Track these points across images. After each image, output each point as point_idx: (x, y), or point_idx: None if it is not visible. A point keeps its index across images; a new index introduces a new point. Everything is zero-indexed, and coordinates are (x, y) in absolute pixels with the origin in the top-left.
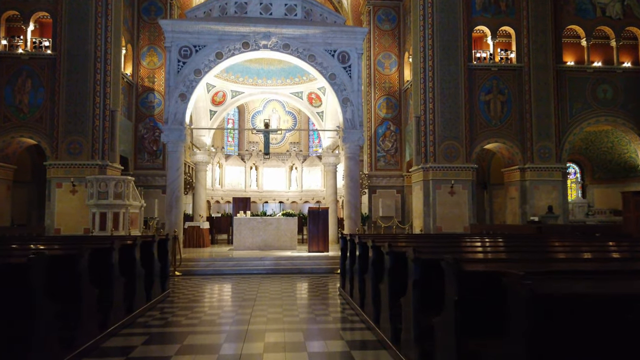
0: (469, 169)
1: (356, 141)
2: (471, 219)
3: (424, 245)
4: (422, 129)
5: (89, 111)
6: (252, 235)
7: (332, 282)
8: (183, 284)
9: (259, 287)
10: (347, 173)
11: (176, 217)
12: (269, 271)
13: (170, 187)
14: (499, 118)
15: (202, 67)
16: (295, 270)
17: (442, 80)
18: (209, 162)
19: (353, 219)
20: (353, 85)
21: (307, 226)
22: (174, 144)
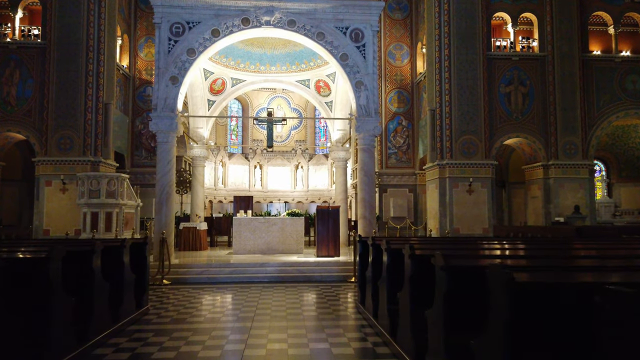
0: (488, 165)
1: (371, 130)
2: (491, 220)
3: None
4: (438, 123)
5: (81, 104)
6: (254, 238)
7: (345, 293)
8: (170, 296)
9: (259, 300)
10: (361, 167)
11: (167, 216)
12: (272, 279)
13: (160, 183)
14: (520, 111)
15: (196, 46)
16: (301, 279)
17: (459, 71)
18: (207, 157)
19: (368, 219)
20: (367, 67)
21: (315, 227)
22: (164, 134)
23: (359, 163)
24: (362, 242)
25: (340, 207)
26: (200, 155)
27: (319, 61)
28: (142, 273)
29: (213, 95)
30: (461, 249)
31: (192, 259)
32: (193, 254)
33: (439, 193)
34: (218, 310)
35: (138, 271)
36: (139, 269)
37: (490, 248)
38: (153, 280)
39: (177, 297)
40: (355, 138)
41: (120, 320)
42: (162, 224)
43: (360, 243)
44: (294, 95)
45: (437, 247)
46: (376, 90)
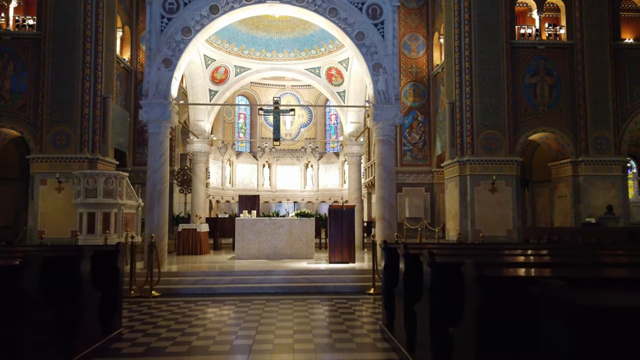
0: (512, 162)
1: (391, 119)
2: (516, 221)
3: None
4: (457, 117)
5: (77, 98)
6: (259, 241)
7: (365, 310)
8: (155, 312)
9: (261, 318)
10: (379, 161)
11: (159, 217)
12: (278, 290)
13: (151, 179)
14: (546, 104)
15: (192, 24)
16: (312, 290)
17: (480, 61)
18: (208, 153)
19: (387, 221)
20: (386, 47)
21: (327, 229)
22: (156, 124)
23: (376, 157)
24: (388, 250)
25: (355, 207)
26: (201, 150)
27: (330, 46)
28: (113, 289)
29: (215, 85)
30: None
31: (187, 266)
32: (192, 259)
33: (459, 192)
34: (209, 334)
35: (106, 287)
36: (108, 283)
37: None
38: (140, 292)
39: (164, 313)
40: (373, 128)
41: (78, 352)
42: (153, 226)
43: (386, 252)
44: (304, 91)
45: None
46: (396, 73)
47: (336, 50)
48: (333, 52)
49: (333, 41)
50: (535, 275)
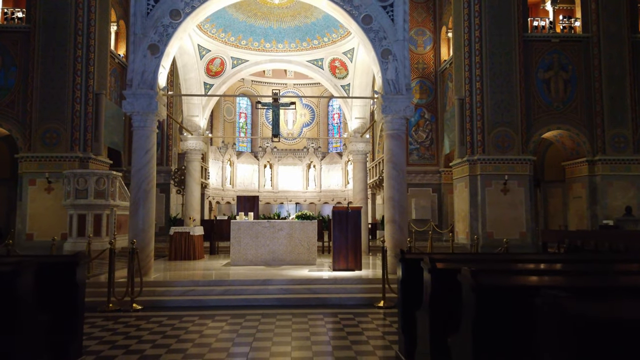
0: (525, 161)
1: (401, 111)
2: (529, 223)
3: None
4: (467, 114)
5: (68, 94)
6: (256, 246)
7: (374, 327)
8: (131, 332)
9: (253, 340)
10: (389, 158)
11: (144, 220)
12: (276, 303)
13: (135, 178)
14: (561, 100)
15: (182, 6)
16: (314, 302)
17: (491, 54)
18: (203, 150)
19: (397, 224)
20: (397, 32)
21: (331, 232)
22: (141, 116)
23: (385, 153)
24: (406, 262)
25: (362, 209)
26: (196, 147)
27: (334, 35)
28: (70, 309)
29: (210, 78)
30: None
31: (176, 274)
32: (184, 265)
33: (469, 193)
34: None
35: (61, 306)
36: (65, 302)
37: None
38: (120, 305)
39: (142, 333)
40: (381, 122)
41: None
42: (138, 230)
43: (403, 264)
44: (306, 89)
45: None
46: (407, 61)
47: (340, 40)
48: (337, 42)
49: (337, 29)
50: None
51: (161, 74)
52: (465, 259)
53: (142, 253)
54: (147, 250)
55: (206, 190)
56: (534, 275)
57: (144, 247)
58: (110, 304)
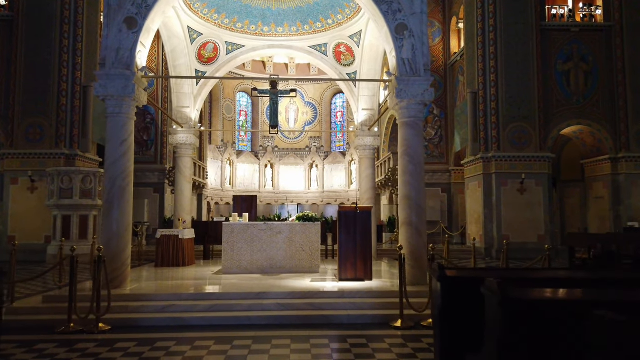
0: (544, 159)
1: (419, 96)
2: (548, 225)
3: None
4: (481, 108)
5: (54, 86)
6: (251, 251)
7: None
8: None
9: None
10: (404, 150)
11: (120, 222)
12: (272, 322)
13: (109, 172)
14: (581, 93)
15: None
16: (317, 320)
17: (506, 44)
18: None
19: (414, 226)
20: (414, 4)
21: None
22: (116, 101)
23: (400, 144)
24: (448, 282)
25: (372, 209)
26: (186, 142)
27: (339, 17)
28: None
29: (202, 65)
30: None
31: (157, 284)
32: (169, 273)
33: (483, 192)
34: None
35: None
36: None
37: None
38: (83, 325)
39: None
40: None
41: None
42: (112, 234)
43: (444, 285)
44: (308, 87)
45: None
46: (426, 37)
47: (346, 22)
48: (342, 24)
49: (342, 10)
50: None
51: (140, 52)
52: (542, 278)
53: (116, 261)
54: (122, 257)
55: (204, 191)
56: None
57: (119, 253)
58: (72, 324)
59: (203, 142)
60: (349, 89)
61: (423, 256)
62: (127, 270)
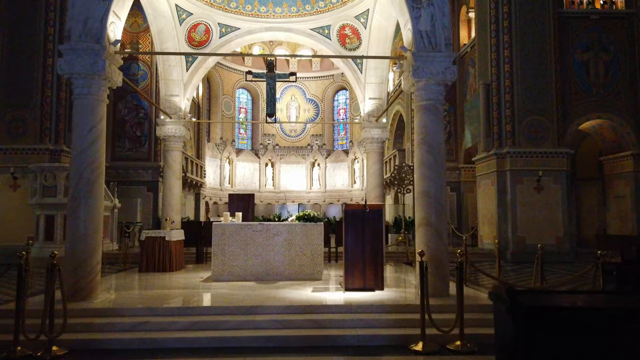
0: (562, 154)
1: (439, 74)
2: (567, 227)
3: None
4: (494, 101)
5: (38, 77)
6: (245, 256)
7: None
8: None
9: None
10: (422, 138)
11: (87, 222)
12: (265, 344)
13: (75, 164)
14: (601, 85)
15: None
16: (320, 341)
17: (522, 33)
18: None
19: (434, 227)
20: None
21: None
22: (84, 80)
23: (417, 132)
24: (521, 314)
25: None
26: (176, 134)
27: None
28: None
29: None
30: None
31: (130, 295)
32: (152, 280)
33: (496, 191)
34: None
35: None
36: None
37: None
38: (33, 348)
39: None
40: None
41: None
42: (77, 236)
43: (516, 316)
44: (310, 83)
45: None
46: (447, 6)
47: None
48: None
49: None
50: None
51: (113, 24)
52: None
53: (82, 268)
54: (90, 263)
55: (202, 190)
56: None
57: (86, 259)
58: (19, 347)
59: (201, 140)
60: (354, 76)
61: (444, 262)
62: (96, 278)
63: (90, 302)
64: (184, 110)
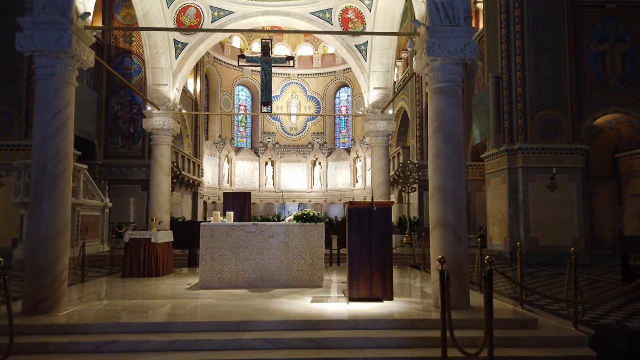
0: (577, 151)
1: (459, 52)
2: (583, 227)
3: None
4: (505, 95)
5: (23, 70)
6: (237, 260)
7: None
8: None
9: None
10: (438, 125)
11: (50, 223)
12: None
13: (37, 155)
14: (618, 77)
15: None
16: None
17: (534, 23)
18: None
19: (452, 229)
20: None
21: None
22: (47, 59)
23: (432, 119)
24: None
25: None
26: (164, 126)
27: None
28: None
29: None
30: None
31: (101, 308)
32: (134, 287)
33: (507, 189)
34: None
35: None
36: None
37: None
38: None
39: None
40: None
41: None
42: (39, 237)
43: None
44: (311, 80)
45: None
46: None
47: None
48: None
49: None
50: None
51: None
52: None
53: (45, 276)
54: (54, 270)
55: (200, 189)
56: None
57: (50, 265)
58: None
59: (199, 138)
60: (358, 64)
61: (464, 270)
62: (62, 288)
63: (53, 317)
64: (173, 101)
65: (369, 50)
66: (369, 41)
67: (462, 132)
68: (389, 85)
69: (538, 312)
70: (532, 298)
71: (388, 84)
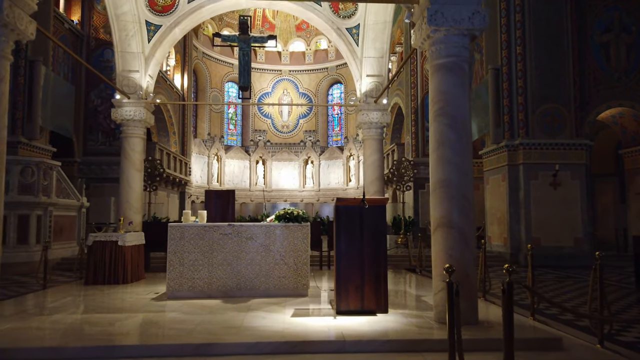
0: (581, 146)
1: (465, 21)
2: (586, 226)
3: None
4: (505, 87)
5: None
6: (210, 265)
7: None
8: None
9: None
10: (439, 108)
11: None
12: None
13: None
14: (623, 69)
15: None
16: None
17: (535, 12)
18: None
19: (457, 229)
20: None
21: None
22: None
23: (433, 100)
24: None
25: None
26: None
27: None
28: None
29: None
30: None
31: (36, 324)
32: (93, 296)
33: (507, 187)
34: None
35: None
36: None
37: None
38: None
39: None
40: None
41: None
42: None
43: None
44: (303, 76)
45: None
46: None
47: None
48: None
49: None
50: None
51: None
52: None
53: None
54: None
55: (187, 188)
56: None
57: None
58: None
59: (187, 136)
60: (349, 49)
61: (472, 278)
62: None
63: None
64: (146, 89)
65: (360, 33)
66: (361, 23)
67: (469, 116)
68: (383, 72)
69: (551, 324)
70: (542, 306)
71: (382, 71)
